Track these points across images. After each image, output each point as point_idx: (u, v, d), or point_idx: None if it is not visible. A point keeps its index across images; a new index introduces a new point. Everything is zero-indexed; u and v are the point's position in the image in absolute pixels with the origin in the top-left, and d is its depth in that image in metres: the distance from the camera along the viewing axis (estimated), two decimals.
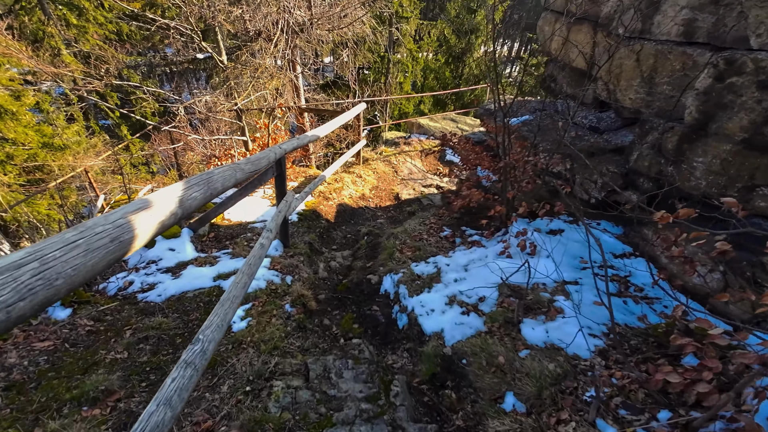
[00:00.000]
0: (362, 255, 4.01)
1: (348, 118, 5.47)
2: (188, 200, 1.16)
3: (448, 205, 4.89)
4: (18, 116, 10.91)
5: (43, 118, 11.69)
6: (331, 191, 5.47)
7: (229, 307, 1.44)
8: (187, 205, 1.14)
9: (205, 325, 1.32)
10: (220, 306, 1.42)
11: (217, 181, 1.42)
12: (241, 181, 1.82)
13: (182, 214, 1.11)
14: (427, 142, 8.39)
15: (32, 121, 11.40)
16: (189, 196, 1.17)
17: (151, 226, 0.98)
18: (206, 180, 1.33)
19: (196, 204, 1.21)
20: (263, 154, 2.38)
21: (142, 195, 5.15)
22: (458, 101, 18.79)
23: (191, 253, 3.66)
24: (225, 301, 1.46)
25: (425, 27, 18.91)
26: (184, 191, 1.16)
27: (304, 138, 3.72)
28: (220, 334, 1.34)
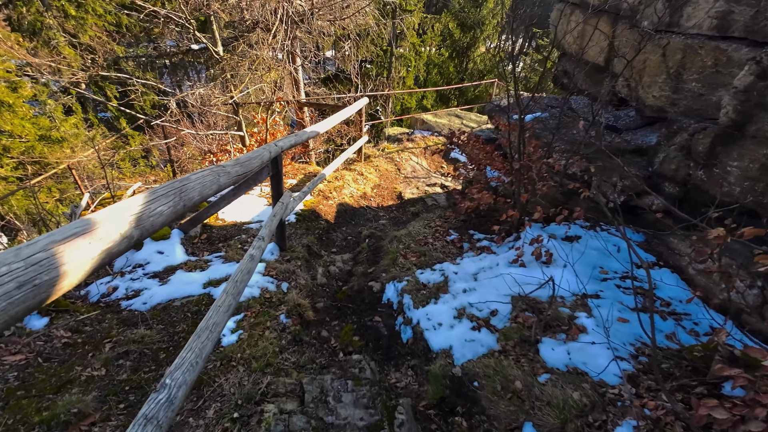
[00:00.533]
0: (363, 259, 3.77)
1: (349, 114, 5.21)
2: (150, 217, 0.92)
3: (454, 207, 4.64)
4: (15, 108, 10.67)
5: (40, 110, 11.44)
6: (331, 190, 5.22)
7: (207, 338, 1.21)
8: (148, 224, 0.90)
9: (175, 365, 1.08)
10: (195, 339, 1.18)
11: (194, 189, 1.18)
12: (226, 186, 1.58)
13: (141, 236, 0.88)
14: (431, 139, 8.12)
15: (29, 114, 11.17)
16: (152, 212, 0.93)
17: (91, 258, 0.74)
18: (179, 189, 1.09)
19: (162, 220, 0.96)
20: (255, 154, 2.13)
21: (128, 194, 4.91)
22: (462, 97, 18.44)
23: (181, 257, 3.42)
24: (202, 331, 1.22)
25: (429, 20, 18.52)
26: (145, 206, 0.92)
27: (302, 134, 3.47)
28: (194, 375, 1.10)
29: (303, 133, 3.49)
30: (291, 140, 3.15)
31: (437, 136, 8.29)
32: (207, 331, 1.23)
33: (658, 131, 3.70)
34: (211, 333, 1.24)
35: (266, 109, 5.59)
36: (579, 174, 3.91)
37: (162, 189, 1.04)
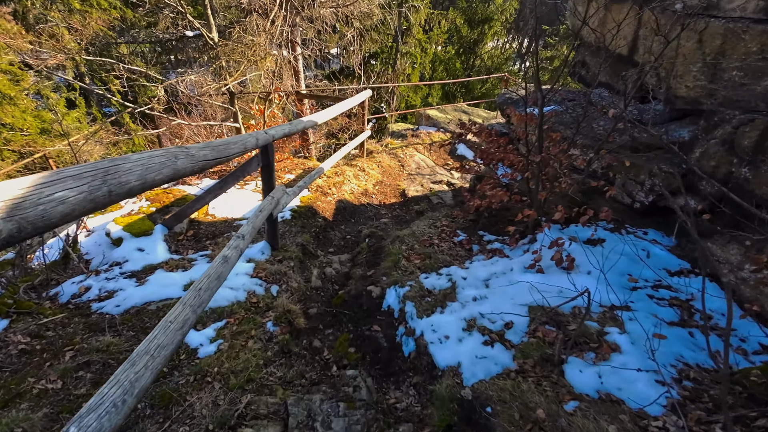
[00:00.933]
0: (363, 261, 3.46)
1: (351, 105, 4.90)
2: (39, 205, 0.61)
3: (462, 205, 4.32)
4: (16, 101, 10.50)
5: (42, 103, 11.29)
6: (330, 186, 4.92)
7: (146, 367, 0.91)
8: (33, 214, 0.60)
9: (89, 406, 0.77)
10: (127, 367, 0.88)
11: (129, 171, 0.87)
12: (189, 173, 1.28)
13: (19, 230, 0.58)
14: (436, 135, 7.80)
15: (31, 107, 11.00)
16: (43, 198, 0.62)
17: None
18: (103, 171, 0.78)
19: (62, 210, 0.66)
20: (236, 139, 1.83)
21: None
22: (468, 94, 18.07)
23: (163, 255, 3.13)
24: (140, 356, 0.92)
25: (436, 17, 18.17)
26: (34, 189, 0.61)
27: (297, 124, 3.17)
28: (118, 419, 0.80)
29: (298, 122, 3.19)
30: (284, 129, 2.84)
31: (443, 132, 7.97)
32: (146, 357, 0.93)
33: (690, 125, 3.36)
34: (153, 359, 0.94)
35: (264, 100, 5.30)
36: (600, 171, 3.57)
37: (72, 169, 0.74)
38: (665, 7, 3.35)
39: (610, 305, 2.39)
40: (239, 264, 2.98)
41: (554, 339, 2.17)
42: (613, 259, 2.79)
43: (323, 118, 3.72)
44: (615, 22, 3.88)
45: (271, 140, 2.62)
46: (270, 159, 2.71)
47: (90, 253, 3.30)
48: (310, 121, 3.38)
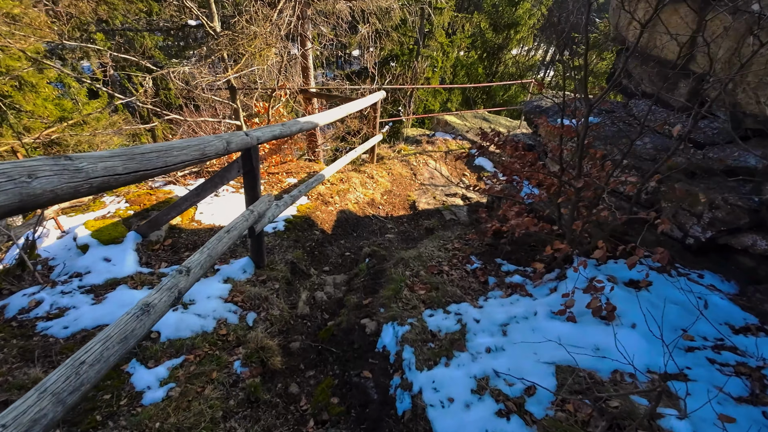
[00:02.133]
0: (360, 285, 3.04)
1: (361, 107, 4.52)
2: None
3: (477, 225, 3.86)
4: (38, 89, 10.62)
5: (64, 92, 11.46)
6: (333, 193, 4.53)
7: None
8: None
9: None
10: None
11: None
12: (66, 198, 0.88)
13: None
14: (453, 143, 7.35)
15: (52, 95, 11.13)
16: None
17: None
18: None
19: None
20: (188, 143, 1.44)
21: None
22: (489, 101, 17.54)
23: (131, 267, 2.78)
24: None
25: (459, 20, 17.79)
26: None
27: (293, 125, 2.78)
28: None
29: (294, 122, 2.81)
30: (273, 131, 2.46)
31: (461, 140, 7.52)
32: None
33: (759, 148, 2.83)
34: None
35: (268, 97, 4.97)
36: (644, 197, 3.07)
37: None
38: (737, 8, 2.85)
39: (662, 372, 1.90)
40: (213, 285, 2.60)
41: (588, 416, 1.70)
42: (662, 308, 2.30)
43: (326, 119, 3.34)
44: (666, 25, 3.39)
45: (255, 143, 2.24)
46: (253, 165, 2.32)
47: (56, 258, 2.98)
48: (308, 122, 3.00)
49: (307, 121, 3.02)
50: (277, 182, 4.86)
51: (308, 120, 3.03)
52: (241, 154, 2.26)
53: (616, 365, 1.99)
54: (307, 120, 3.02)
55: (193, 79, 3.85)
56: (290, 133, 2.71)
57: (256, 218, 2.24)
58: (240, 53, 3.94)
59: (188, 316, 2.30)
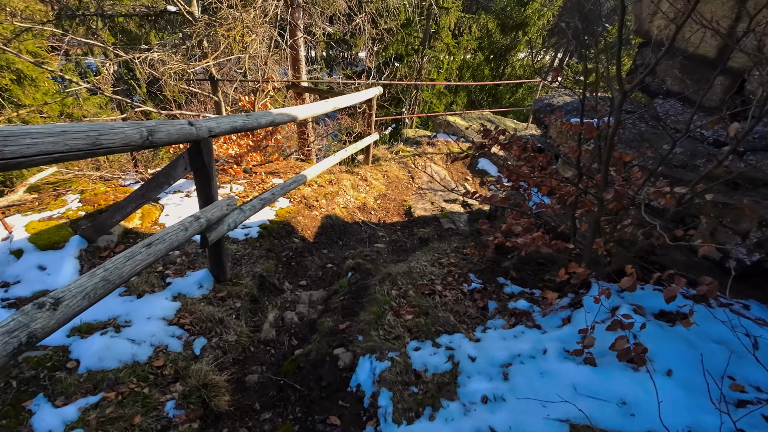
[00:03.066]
0: (338, 305, 2.62)
1: (353, 101, 4.12)
2: None
3: (478, 238, 3.45)
4: (38, 83, 10.43)
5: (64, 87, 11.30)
6: (319, 196, 4.13)
7: None
8: None
9: None
10: None
11: None
12: None
13: None
14: (455, 145, 6.94)
15: (52, 89, 10.97)
16: None
17: None
18: None
19: None
20: (92, 128, 1.05)
21: None
22: (496, 104, 17.12)
23: (68, 277, 2.39)
24: None
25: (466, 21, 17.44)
26: None
27: (261, 116, 2.39)
28: None
29: (263, 114, 2.41)
30: (233, 122, 2.07)
31: (463, 142, 7.10)
32: None
33: None
34: None
35: (254, 91, 4.59)
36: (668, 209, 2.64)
37: None
38: None
39: None
40: (158, 303, 2.20)
41: None
42: (705, 349, 1.87)
43: (305, 112, 2.94)
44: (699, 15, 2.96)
45: (206, 135, 1.84)
46: (205, 162, 1.93)
47: None
48: (282, 114, 2.61)
49: (282, 114, 2.62)
50: (259, 182, 4.47)
51: (283, 112, 2.64)
52: (188, 149, 1.87)
53: (648, 425, 1.56)
54: (281, 112, 2.62)
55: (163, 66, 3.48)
56: (257, 125, 2.31)
57: (202, 226, 1.84)
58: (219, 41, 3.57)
59: (118, 341, 1.90)
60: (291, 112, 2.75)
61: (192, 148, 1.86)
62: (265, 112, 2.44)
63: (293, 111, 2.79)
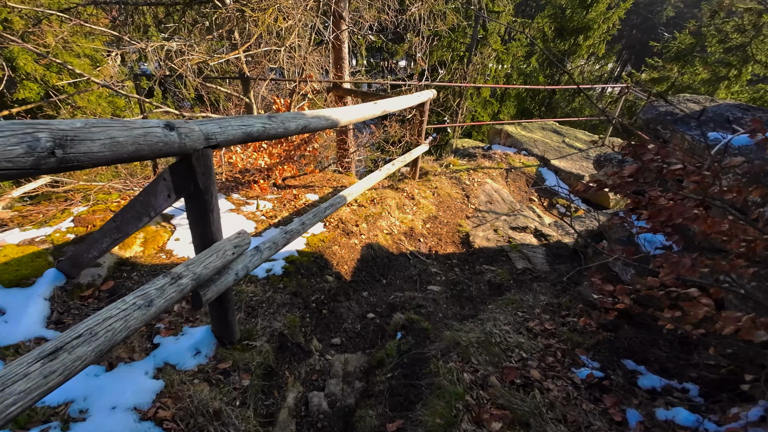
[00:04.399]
0: (384, 386, 1.87)
1: (404, 105, 3.42)
2: None
3: (574, 291, 2.57)
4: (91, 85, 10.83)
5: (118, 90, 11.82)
6: (359, 219, 3.43)
7: None
8: None
9: None
10: None
11: None
12: None
13: None
14: (517, 158, 6.04)
15: (105, 92, 11.40)
16: None
17: None
18: None
19: None
20: None
21: None
22: (550, 113, 15.87)
23: (31, 327, 1.81)
24: None
25: (518, 25, 16.47)
26: None
27: (289, 119, 1.72)
28: None
29: (291, 116, 1.74)
30: (246, 125, 1.41)
31: (525, 155, 6.19)
32: None
33: None
34: None
35: (290, 92, 4.02)
36: None
37: None
38: None
39: None
40: (133, 380, 1.55)
41: None
42: None
43: (348, 116, 2.26)
44: None
45: (200, 146, 1.17)
46: (201, 184, 1.27)
47: None
48: (319, 117, 1.93)
49: (319, 117, 1.94)
50: (291, 199, 3.86)
51: (320, 114, 1.96)
52: (171, 166, 1.21)
53: None
54: (317, 114, 1.94)
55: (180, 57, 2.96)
56: (284, 131, 1.64)
57: (184, 291, 1.16)
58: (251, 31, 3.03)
59: None
60: (331, 114, 2.08)
61: (178, 164, 1.21)
62: (296, 114, 1.77)
63: (333, 114, 2.12)
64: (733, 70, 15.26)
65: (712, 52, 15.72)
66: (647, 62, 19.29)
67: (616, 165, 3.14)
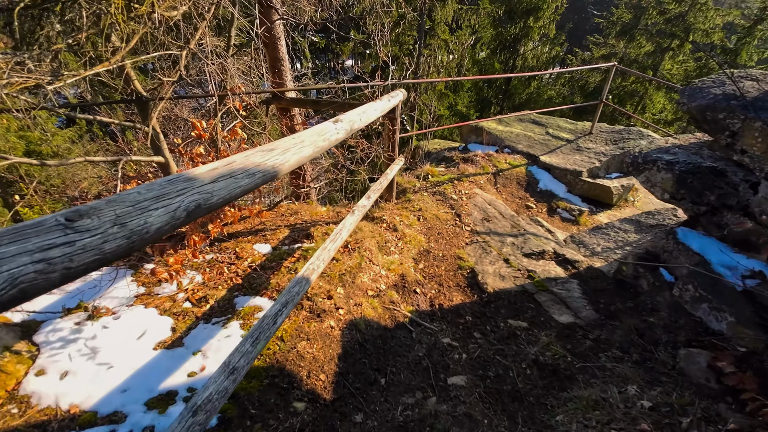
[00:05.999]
0: None
1: (373, 117, 2.50)
2: None
3: (691, 390, 1.77)
4: None
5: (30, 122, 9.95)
6: (331, 286, 2.47)
7: None
8: None
9: None
10: None
11: None
12: None
13: None
14: (501, 158, 5.31)
15: (14, 125, 9.69)
16: None
17: None
18: None
19: None
20: None
21: None
22: (509, 101, 15.61)
23: None
24: None
25: (464, 13, 16.06)
26: None
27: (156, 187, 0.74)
28: None
29: (161, 185, 0.76)
30: None
31: (509, 154, 5.48)
32: None
33: None
34: None
35: (214, 112, 2.98)
36: None
37: None
38: None
39: None
40: None
41: None
42: None
43: (297, 154, 1.29)
44: None
45: None
46: None
47: None
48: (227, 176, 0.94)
49: (228, 174, 0.97)
50: (232, 261, 2.83)
51: (248, 166, 0.99)
52: None
53: None
54: (243, 166, 0.97)
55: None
56: (100, 255, 0.66)
57: None
58: (131, 29, 1.97)
59: None
60: (266, 162, 1.11)
61: None
62: (174, 177, 0.81)
63: (270, 159, 1.15)
64: (676, 41, 15.74)
65: (654, 24, 16.21)
66: (590, 40, 19.71)
67: (663, 168, 2.41)
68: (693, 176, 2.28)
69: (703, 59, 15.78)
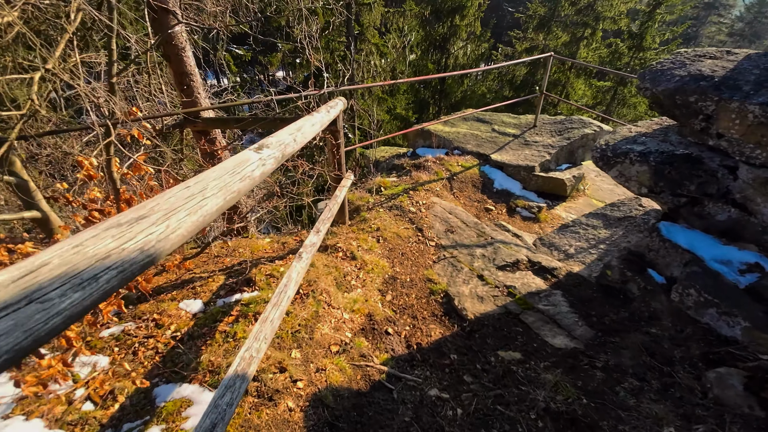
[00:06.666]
0: None
1: (312, 133, 2.06)
2: None
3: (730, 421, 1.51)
4: None
5: None
6: (284, 358, 1.97)
7: None
8: None
9: None
10: None
11: None
12: None
13: None
14: (454, 161, 5.08)
15: None
16: None
17: None
18: None
19: None
20: None
21: None
22: (446, 100, 15.83)
23: None
24: None
25: (392, 16, 16.12)
26: None
27: None
28: None
29: None
30: None
31: (460, 155, 5.28)
32: None
33: None
34: None
35: (106, 145, 2.35)
36: None
37: None
38: None
39: None
40: None
41: None
42: None
43: (163, 230, 0.82)
44: None
45: None
46: None
47: None
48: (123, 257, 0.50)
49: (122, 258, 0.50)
50: (151, 333, 2.24)
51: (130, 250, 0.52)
52: None
53: None
54: (49, 269, 0.51)
55: None
56: None
57: None
58: None
59: None
60: (123, 246, 0.64)
61: None
62: None
63: (133, 238, 0.68)
64: (588, 30, 17.00)
65: (567, 15, 17.43)
66: (511, 35, 20.77)
67: (637, 161, 2.23)
68: (670, 166, 2.12)
69: (613, 45, 17.23)
